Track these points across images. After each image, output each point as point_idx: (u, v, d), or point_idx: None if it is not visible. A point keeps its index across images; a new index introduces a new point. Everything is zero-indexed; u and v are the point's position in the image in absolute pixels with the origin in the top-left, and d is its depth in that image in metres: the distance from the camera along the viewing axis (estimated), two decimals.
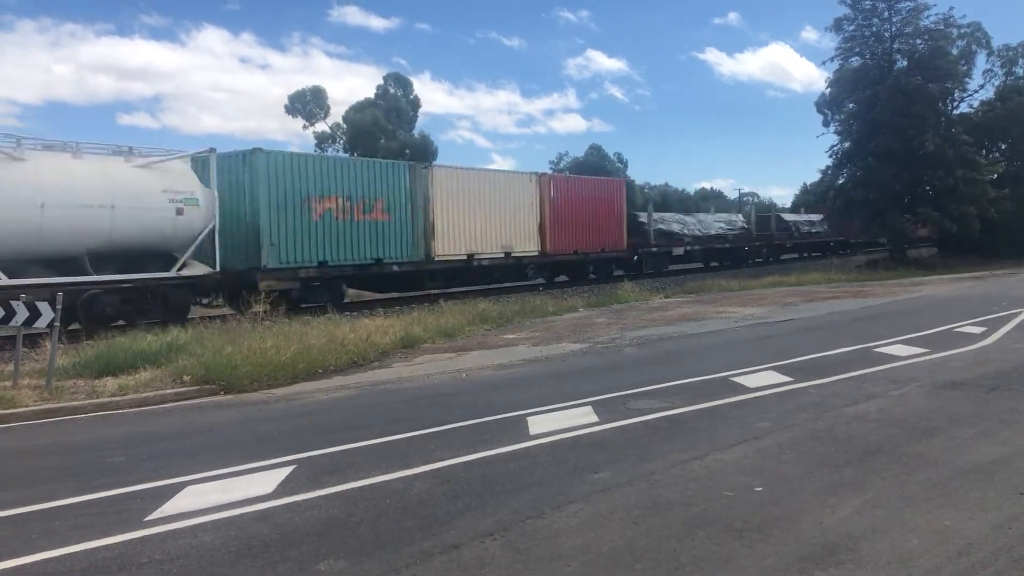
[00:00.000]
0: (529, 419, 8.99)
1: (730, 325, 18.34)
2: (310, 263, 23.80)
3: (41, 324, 12.15)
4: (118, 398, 11.35)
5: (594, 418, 8.98)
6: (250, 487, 6.79)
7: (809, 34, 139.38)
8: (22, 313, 12.16)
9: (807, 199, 70.20)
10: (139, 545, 5.55)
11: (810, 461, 7.13)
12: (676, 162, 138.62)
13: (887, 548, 5.12)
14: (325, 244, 24.12)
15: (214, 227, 20.54)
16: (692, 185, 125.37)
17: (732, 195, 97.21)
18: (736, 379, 11.08)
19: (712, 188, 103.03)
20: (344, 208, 24.66)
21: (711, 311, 21.61)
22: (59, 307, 11.98)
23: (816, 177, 53.18)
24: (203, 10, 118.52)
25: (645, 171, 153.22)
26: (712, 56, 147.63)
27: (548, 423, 8.78)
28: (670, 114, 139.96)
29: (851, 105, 44.86)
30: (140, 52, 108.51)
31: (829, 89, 48.35)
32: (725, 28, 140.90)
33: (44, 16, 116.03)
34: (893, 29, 44.14)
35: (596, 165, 75.70)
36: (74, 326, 18.05)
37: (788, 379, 11.01)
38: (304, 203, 23.49)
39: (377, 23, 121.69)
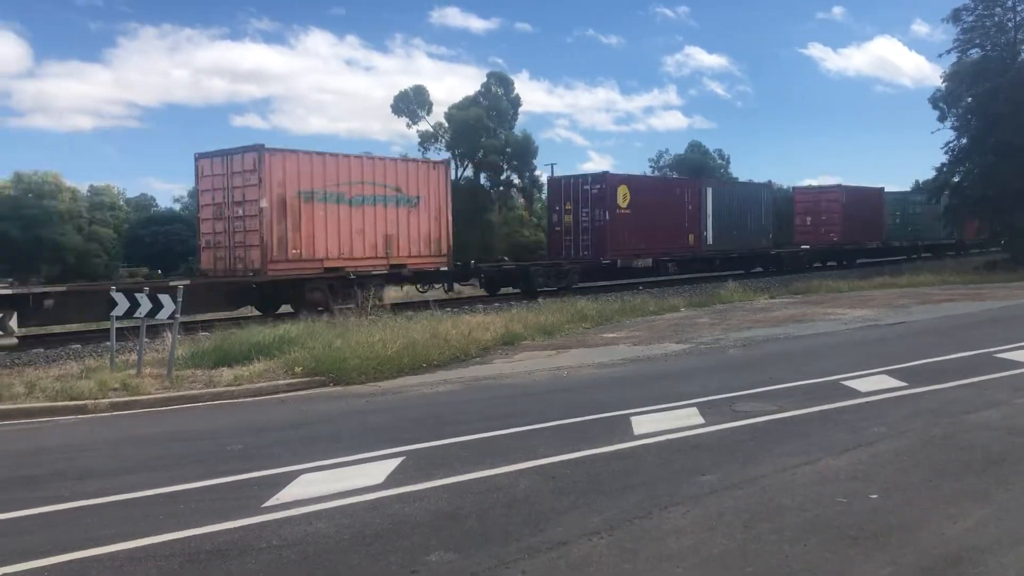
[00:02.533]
0: (633, 419, 8.94)
1: (839, 327, 17.80)
2: None
3: (163, 316, 12.75)
4: (233, 388, 11.83)
5: (700, 419, 8.87)
6: (361, 477, 6.98)
7: (920, 27, 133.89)
8: (145, 305, 12.80)
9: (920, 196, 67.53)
10: (257, 530, 5.77)
11: (928, 469, 6.88)
12: (779, 159, 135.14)
13: (1014, 562, 4.90)
14: None
15: None
16: (796, 182, 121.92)
17: None
18: (847, 383, 10.76)
19: (818, 185, 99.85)
20: None
21: (819, 312, 21.03)
22: (180, 300, 12.54)
23: (929, 175, 51.09)
24: (310, 14, 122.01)
25: (748, 168, 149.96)
26: (816, 51, 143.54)
27: (652, 423, 8.71)
28: (773, 110, 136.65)
29: (969, 99, 42.81)
30: (251, 55, 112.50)
31: (945, 83, 46.16)
32: (829, 22, 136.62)
33: (165, 23, 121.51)
34: (1018, 18, 41.92)
35: (698, 162, 74.54)
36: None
37: (902, 384, 10.63)
38: None
39: (477, 24, 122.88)
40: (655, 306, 23.04)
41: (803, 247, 45.06)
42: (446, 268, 25.75)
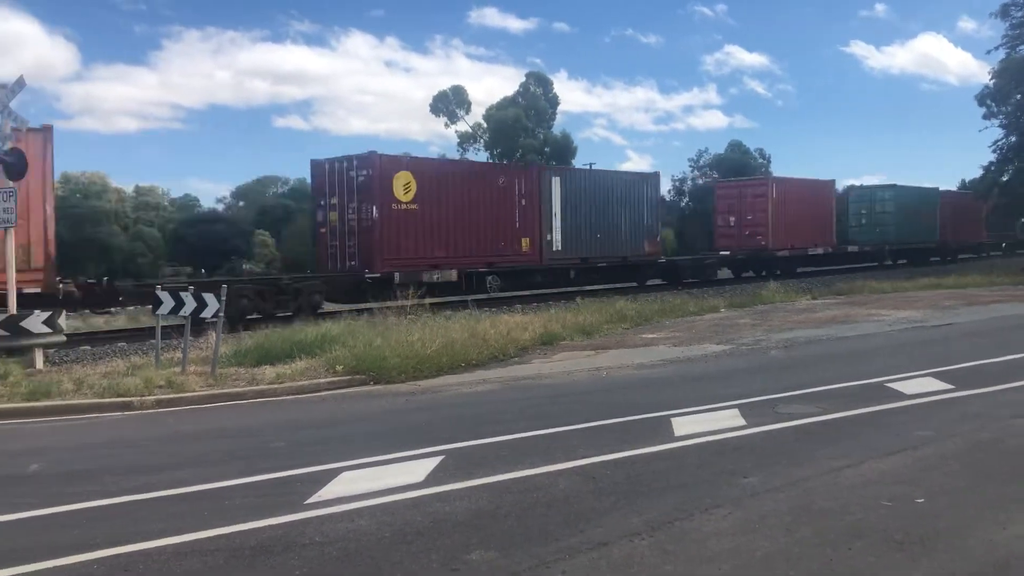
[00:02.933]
0: (673, 420, 8.89)
1: (883, 329, 17.53)
2: None
3: (207, 314, 12.94)
4: (276, 386, 11.97)
5: (741, 421, 8.80)
6: (401, 475, 7.02)
7: (966, 23, 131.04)
8: (190, 304, 13.00)
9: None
10: (301, 527, 5.83)
11: (976, 473, 6.75)
12: (822, 158, 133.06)
13: None
14: None
15: None
16: (839, 182, 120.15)
17: None
18: (892, 385, 10.60)
19: (861, 185, 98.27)
20: None
21: (862, 313, 20.73)
22: (224, 298, 12.72)
23: (976, 173, 50.05)
24: (351, 16, 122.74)
25: (790, 167, 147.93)
26: (858, 49, 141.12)
27: (693, 425, 8.66)
28: (815, 109, 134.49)
29: (1019, 96, 41.89)
30: (293, 57, 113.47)
31: (993, 80, 45.17)
32: (872, 20, 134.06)
33: (209, 25, 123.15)
34: None
35: (738, 162, 73.74)
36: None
37: (949, 386, 10.44)
38: None
39: (515, 24, 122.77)
40: (695, 306, 22.88)
41: (722, 252, 38.57)
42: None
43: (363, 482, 6.88)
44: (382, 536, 5.60)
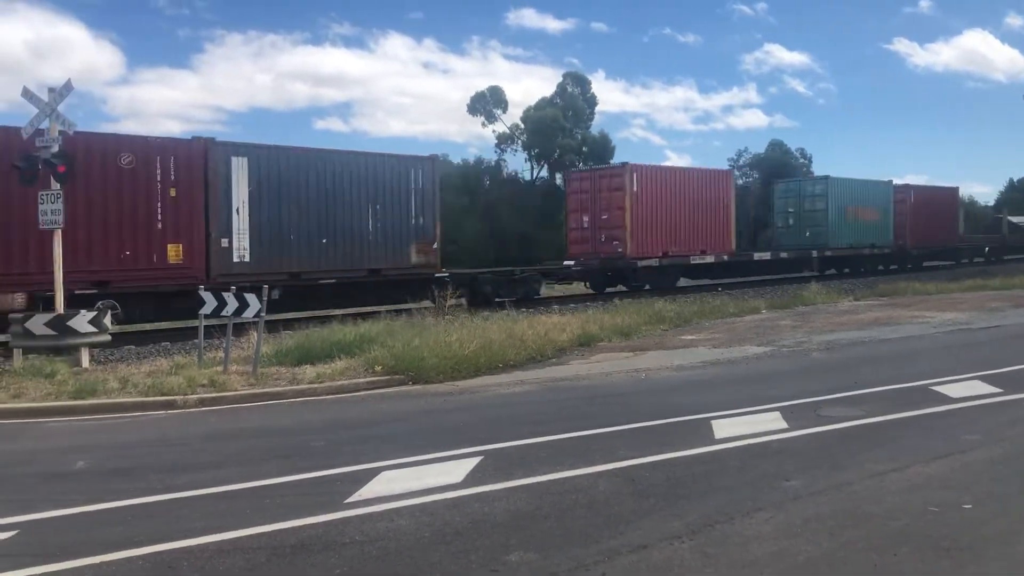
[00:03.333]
0: (714, 422, 8.81)
1: (928, 331, 17.22)
2: None
3: (248, 315, 13.08)
4: (316, 385, 12.06)
5: (783, 424, 8.69)
6: (441, 475, 7.03)
7: (1014, 20, 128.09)
8: (232, 304, 13.16)
9: (1015, 195, 64.81)
10: (341, 526, 5.87)
11: None
12: (865, 157, 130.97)
13: None
14: None
15: None
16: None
17: None
18: (937, 388, 10.40)
19: (905, 184, 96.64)
20: None
21: (905, 315, 20.37)
22: (265, 299, 12.85)
23: None
24: (389, 19, 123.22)
25: (831, 167, 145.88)
26: (902, 47, 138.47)
27: (734, 427, 8.57)
28: (857, 108, 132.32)
29: None
30: (332, 60, 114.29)
31: None
32: (916, 17, 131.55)
33: (251, 29, 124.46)
34: None
35: (779, 161, 72.93)
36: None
37: (997, 390, 10.22)
38: None
39: (553, 24, 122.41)
40: (735, 308, 22.66)
41: (567, 262, 30.12)
42: None
43: (402, 482, 6.90)
44: (421, 536, 5.61)
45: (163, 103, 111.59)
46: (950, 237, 45.69)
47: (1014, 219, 52.64)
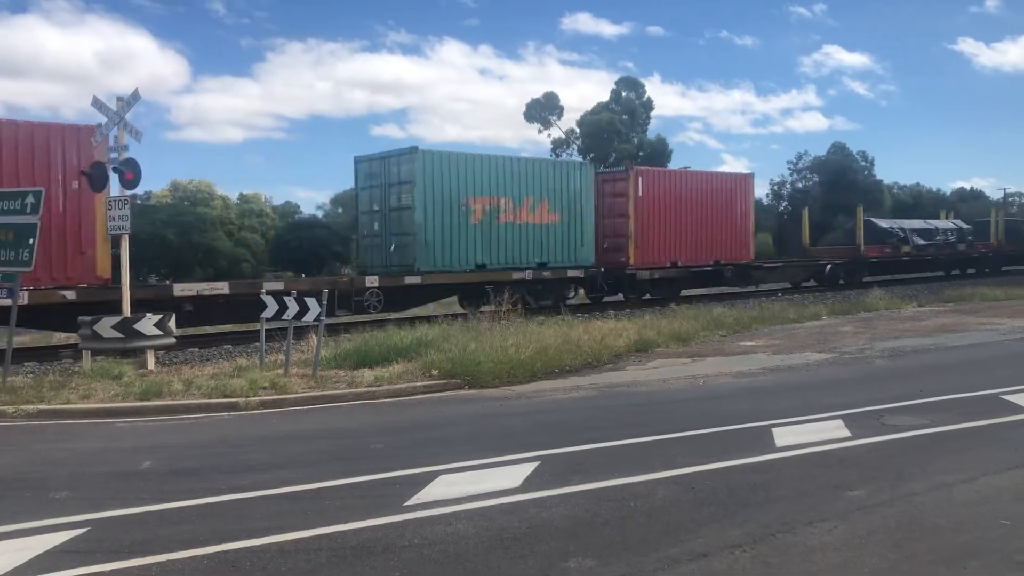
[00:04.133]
0: (774, 430, 8.68)
1: (997, 338, 16.75)
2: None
3: (309, 318, 13.29)
4: (374, 388, 12.19)
5: (845, 432, 8.52)
6: (498, 480, 7.05)
7: None
8: (292, 308, 13.37)
9: None
10: (400, 528, 5.91)
11: None
12: (929, 160, 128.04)
13: None
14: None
15: None
16: (947, 185, 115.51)
17: (996, 195, 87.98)
18: (1007, 397, 10.11)
19: (971, 188, 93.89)
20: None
21: (973, 322, 19.85)
22: (325, 303, 13.04)
23: None
24: (445, 26, 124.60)
25: (894, 170, 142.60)
26: (967, 47, 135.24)
27: (795, 435, 8.43)
28: (921, 109, 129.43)
29: None
30: (390, 67, 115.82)
31: None
32: (982, 16, 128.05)
33: (310, 38, 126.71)
34: None
35: (839, 164, 71.74)
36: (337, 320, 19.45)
37: None
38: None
39: (608, 29, 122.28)
40: (795, 314, 22.30)
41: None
42: None
43: (461, 486, 6.93)
44: (480, 540, 5.62)
45: (225, 111, 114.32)
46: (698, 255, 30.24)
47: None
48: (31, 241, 13.12)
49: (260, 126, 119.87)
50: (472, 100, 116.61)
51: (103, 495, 7.00)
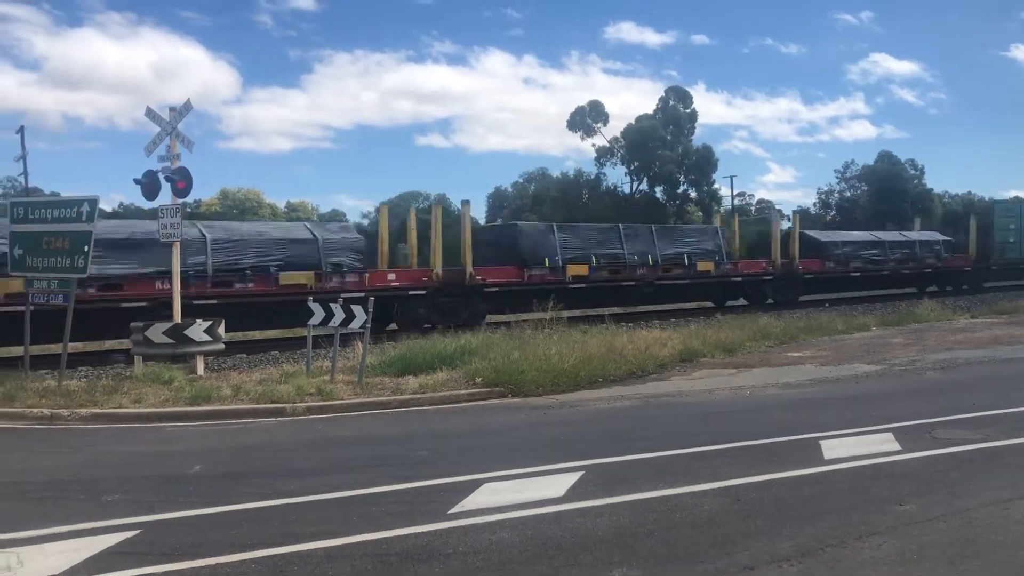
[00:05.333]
0: (822, 442, 8.55)
1: None
2: None
3: (355, 326, 13.42)
4: (419, 395, 12.27)
5: (896, 446, 8.36)
6: (542, 489, 7.04)
7: None
8: (339, 315, 13.52)
9: None
10: (444, 536, 5.93)
11: None
12: (981, 169, 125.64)
13: None
14: None
15: None
16: (1000, 193, 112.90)
17: None
18: None
19: None
20: None
21: None
22: (371, 310, 13.16)
23: None
24: (490, 36, 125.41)
25: (944, 179, 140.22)
26: (1019, 53, 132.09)
27: (843, 448, 8.30)
28: (972, 117, 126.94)
29: None
30: (435, 77, 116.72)
31: None
32: None
33: (358, 49, 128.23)
34: None
35: (888, 172, 70.66)
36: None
37: None
38: None
39: (652, 38, 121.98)
40: (843, 324, 21.97)
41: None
42: None
43: (504, 494, 6.93)
44: (524, 549, 5.62)
45: (274, 121, 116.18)
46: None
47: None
48: (86, 248, 13.45)
49: (307, 136, 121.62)
50: (516, 109, 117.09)
51: (154, 498, 7.14)
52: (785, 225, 36.54)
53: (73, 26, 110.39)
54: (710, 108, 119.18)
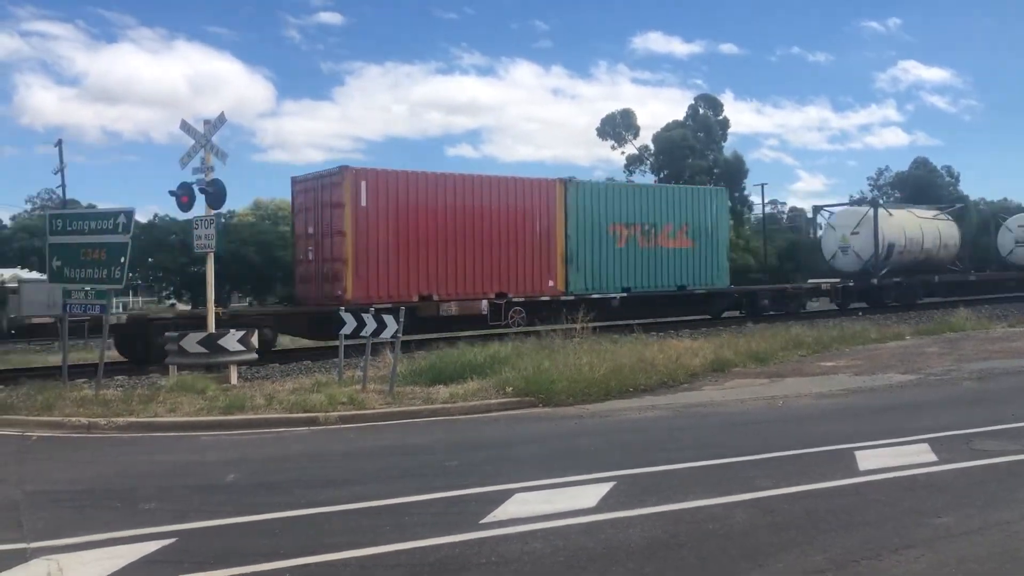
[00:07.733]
0: (856, 453, 8.45)
1: None
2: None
3: (386, 335, 13.50)
4: (449, 405, 12.31)
5: (932, 457, 8.25)
6: (573, 499, 7.03)
7: None
8: (371, 325, 13.61)
9: None
10: (476, 546, 5.94)
11: None
12: (1017, 175, 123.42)
13: None
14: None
15: None
16: None
17: None
18: None
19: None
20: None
21: None
22: (402, 320, 13.24)
23: None
24: (518, 47, 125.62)
25: (980, 185, 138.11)
26: None
27: (878, 459, 8.20)
28: (1007, 123, 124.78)
29: None
30: (464, 89, 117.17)
31: None
32: None
33: (388, 61, 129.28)
34: None
35: (923, 179, 69.73)
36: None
37: None
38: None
39: (680, 47, 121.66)
40: (877, 334, 21.71)
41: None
42: None
43: (536, 504, 6.93)
44: (556, 560, 5.62)
45: (306, 134, 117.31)
46: None
47: None
48: (122, 260, 13.67)
49: (339, 148, 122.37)
50: (544, 120, 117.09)
51: (189, 507, 7.22)
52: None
53: (109, 42, 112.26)
54: (739, 117, 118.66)
